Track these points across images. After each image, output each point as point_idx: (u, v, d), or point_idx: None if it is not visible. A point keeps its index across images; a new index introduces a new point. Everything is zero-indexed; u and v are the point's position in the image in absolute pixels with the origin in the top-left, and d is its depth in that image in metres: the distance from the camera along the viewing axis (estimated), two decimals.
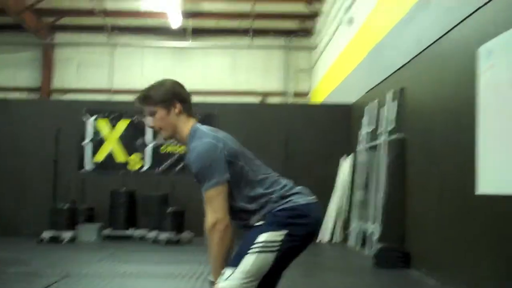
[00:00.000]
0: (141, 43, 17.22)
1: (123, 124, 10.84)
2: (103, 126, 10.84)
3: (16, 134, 10.63)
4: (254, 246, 2.43)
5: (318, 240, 9.81)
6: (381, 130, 8.29)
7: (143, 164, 10.77)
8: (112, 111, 10.93)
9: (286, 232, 2.45)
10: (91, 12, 15.75)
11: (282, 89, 17.67)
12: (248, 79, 17.51)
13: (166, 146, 10.72)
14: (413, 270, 6.75)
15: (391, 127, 7.85)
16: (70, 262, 7.45)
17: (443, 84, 6.10)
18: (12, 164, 10.51)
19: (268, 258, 2.43)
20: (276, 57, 17.70)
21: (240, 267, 2.41)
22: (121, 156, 10.79)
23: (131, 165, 10.77)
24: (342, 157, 10.40)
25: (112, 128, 10.84)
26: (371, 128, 8.94)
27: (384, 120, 8.16)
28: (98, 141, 10.80)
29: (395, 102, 7.80)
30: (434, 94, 6.43)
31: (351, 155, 10.11)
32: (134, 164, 10.77)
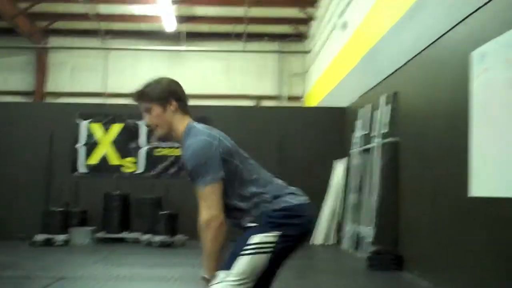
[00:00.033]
0: (134, 47, 17.21)
1: (116, 127, 10.84)
2: (97, 129, 10.84)
3: (9, 137, 10.62)
4: (247, 248, 2.44)
5: (312, 242, 9.84)
6: (374, 133, 8.33)
7: (137, 167, 10.77)
8: (105, 115, 10.93)
9: (279, 233, 2.47)
10: (84, 16, 15.75)
11: (276, 93, 17.72)
12: (242, 83, 17.54)
13: (160, 149, 10.73)
14: (406, 273, 6.78)
15: (384, 131, 7.89)
16: (63, 265, 7.44)
17: (437, 88, 6.14)
18: (5, 167, 10.49)
19: (262, 260, 2.45)
20: (270, 61, 17.76)
21: (234, 269, 2.42)
22: (114, 159, 10.78)
23: (124, 168, 10.77)
24: (336, 160, 10.44)
25: (106, 131, 10.84)
26: (365, 132, 8.98)
27: (378, 123, 8.20)
28: (91, 144, 10.79)
29: (388, 106, 7.84)
30: (428, 98, 6.47)
31: (345, 158, 10.15)
32: (128, 167, 10.77)
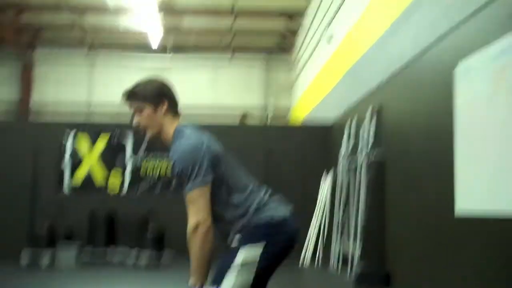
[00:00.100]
0: (120, 59, 17.16)
1: (102, 142, 10.75)
2: (82, 144, 10.74)
3: None
4: (234, 264, 2.43)
5: (300, 260, 9.80)
6: (360, 150, 8.34)
7: (123, 184, 10.67)
8: (91, 129, 10.84)
9: (264, 247, 2.46)
10: (70, 29, 15.68)
11: (263, 105, 17.74)
12: (228, 95, 17.56)
13: (146, 165, 10.64)
14: None
15: (370, 147, 7.90)
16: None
17: (421, 102, 6.15)
18: None
19: (249, 275, 2.44)
20: (256, 73, 17.80)
21: (223, 286, 2.40)
22: (100, 176, 10.68)
23: (110, 186, 10.66)
24: (322, 177, 10.43)
25: (91, 146, 10.75)
26: (350, 148, 8.99)
27: (363, 140, 8.21)
28: (76, 161, 10.67)
29: (373, 121, 7.86)
30: (412, 113, 6.48)
31: (331, 174, 10.14)
32: (114, 185, 10.66)
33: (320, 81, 12.65)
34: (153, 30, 15.22)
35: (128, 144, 10.52)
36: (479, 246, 4.69)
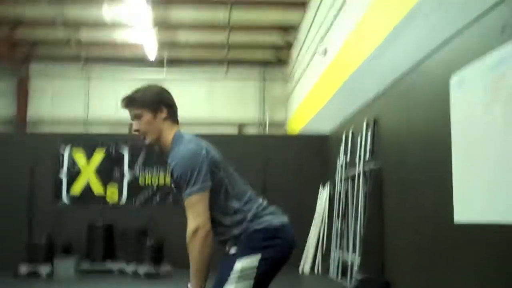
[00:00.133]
0: (116, 72, 17.23)
1: (99, 155, 10.79)
2: (79, 158, 10.77)
3: None
4: (232, 274, 2.45)
5: (299, 270, 9.83)
6: (357, 159, 8.42)
7: (121, 196, 10.70)
8: (87, 142, 10.87)
9: (261, 255, 2.48)
10: (66, 43, 15.75)
11: (259, 119, 17.82)
12: (224, 109, 17.62)
13: (144, 176, 10.68)
14: None
15: (367, 157, 7.98)
16: None
17: (417, 113, 6.23)
18: None
19: (248, 282, 2.46)
20: (252, 87, 17.88)
21: None
22: (98, 188, 10.70)
23: (108, 198, 10.68)
24: (320, 187, 10.49)
25: (88, 159, 10.77)
26: (348, 158, 9.07)
27: (360, 150, 8.29)
28: (74, 173, 10.71)
29: (370, 132, 7.93)
30: (408, 123, 6.56)
31: (328, 185, 10.21)
32: (112, 197, 10.69)
33: (316, 93, 12.76)
34: (148, 45, 15.31)
35: (126, 155, 10.56)
36: (478, 254, 4.74)
